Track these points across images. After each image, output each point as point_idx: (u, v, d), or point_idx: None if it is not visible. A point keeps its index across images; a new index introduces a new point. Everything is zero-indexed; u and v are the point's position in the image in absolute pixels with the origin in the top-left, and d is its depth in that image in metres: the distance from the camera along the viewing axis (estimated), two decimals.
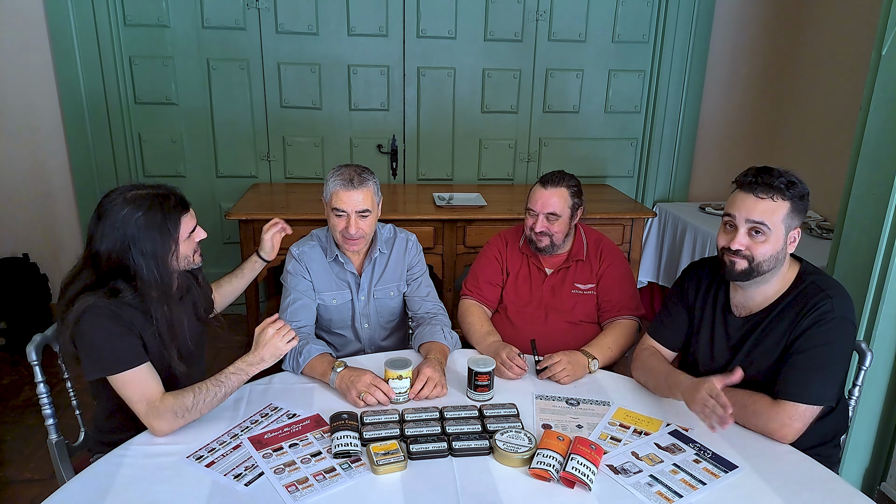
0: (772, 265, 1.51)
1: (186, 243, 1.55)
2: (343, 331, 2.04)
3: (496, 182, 3.79)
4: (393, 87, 3.55)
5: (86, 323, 1.43)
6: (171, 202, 1.51)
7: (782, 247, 1.51)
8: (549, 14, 3.52)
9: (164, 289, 1.51)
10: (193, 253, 1.59)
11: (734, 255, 1.52)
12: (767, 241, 1.49)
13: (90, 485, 1.30)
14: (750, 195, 1.50)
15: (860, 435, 2.18)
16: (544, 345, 1.87)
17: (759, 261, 1.50)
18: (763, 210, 1.48)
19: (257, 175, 3.62)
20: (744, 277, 1.53)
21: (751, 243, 1.50)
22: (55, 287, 3.52)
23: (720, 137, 3.87)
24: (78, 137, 3.38)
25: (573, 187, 2.02)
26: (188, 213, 1.56)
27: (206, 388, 1.48)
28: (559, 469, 1.32)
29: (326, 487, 1.30)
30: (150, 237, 1.46)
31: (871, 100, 2.04)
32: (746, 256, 1.51)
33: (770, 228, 1.48)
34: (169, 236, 1.49)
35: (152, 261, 1.47)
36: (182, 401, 1.45)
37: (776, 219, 1.48)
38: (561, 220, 2.00)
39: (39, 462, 2.45)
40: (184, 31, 3.33)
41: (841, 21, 3.33)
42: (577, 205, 2.04)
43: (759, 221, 1.48)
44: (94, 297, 1.45)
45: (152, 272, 1.48)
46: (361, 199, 1.85)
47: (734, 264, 1.52)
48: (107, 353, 1.44)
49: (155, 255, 1.47)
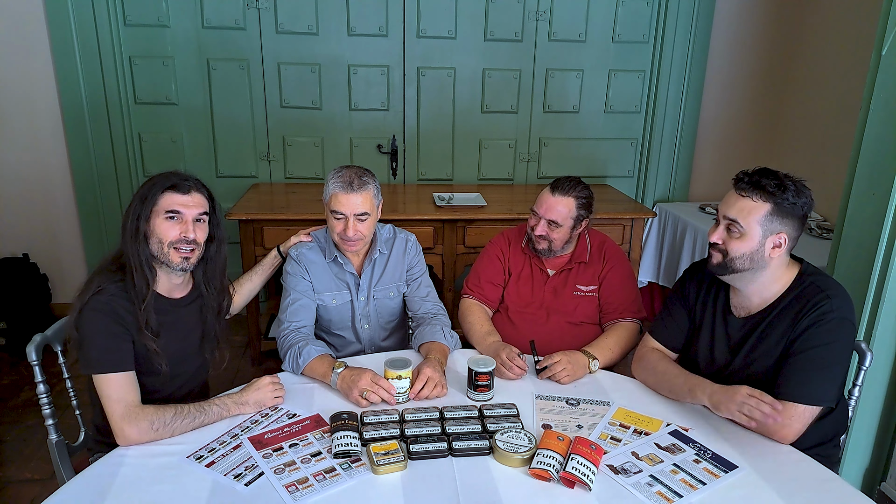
0: (746, 265, 1.52)
1: (163, 223, 1.51)
2: (343, 331, 2.04)
3: (496, 182, 3.79)
4: (393, 87, 3.55)
5: (86, 316, 1.45)
6: (168, 179, 1.54)
7: (758, 248, 1.50)
8: (549, 14, 3.52)
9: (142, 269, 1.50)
10: (170, 245, 1.52)
11: (713, 247, 1.57)
12: (741, 239, 1.51)
13: (90, 485, 1.30)
14: (733, 192, 1.54)
15: (860, 435, 2.18)
16: (545, 346, 1.87)
17: (732, 256, 1.53)
18: (739, 208, 1.51)
19: (257, 175, 3.62)
20: (719, 271, 1.58)
21: (727, 238, 1.54)
22: (55, 287, 3.54)
23: (720, 137, 3.87)
24: (78, 137, 3.38)
25: (582, 199, 1.99)
26: (178, 194, 1.53)
27: (188, 411, 1.47)
28: (559, 469, 1.32)
29: (326, 487, 1.30)
30: (133, 203, 1.52)
31: (871, 100, 2.04)
32: (721, 250, 1.55)
33: (742, 227, 1.50)
34: (143, 205, 1.50)
35: (131, 229, 1.49)
36: (162, 414, 1.44)
37: (751, 219, 1.49)
38: (562, 230, 1.99)
39: (39, 462, 2.45)
40: (184, 31, 3.33)
41: (841, 21, 3.32)
42: (583, 217, 2.01)
43: (732, 219, 1.52)
44: (101, 278, 1.48)
45: (126, 242, 1.50)
46: (360, 203, 1.85)
47: (711, 257, 1.58)
48: (96, 351, 1.45)
49: (133, 221, 1.50)
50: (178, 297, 1.64)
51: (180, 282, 1.63)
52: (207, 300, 1.68)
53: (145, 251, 1.51)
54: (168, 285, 1.61)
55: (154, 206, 1.51)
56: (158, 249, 1.52)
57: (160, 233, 1.51)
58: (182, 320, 1.64)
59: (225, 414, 1.52)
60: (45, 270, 3.49)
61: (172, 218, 1.52)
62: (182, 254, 1.54)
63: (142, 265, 1.50)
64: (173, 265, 1.54)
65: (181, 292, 1.65)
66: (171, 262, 1.53)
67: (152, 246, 1.52)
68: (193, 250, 1.55)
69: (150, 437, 1.43)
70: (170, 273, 1.58)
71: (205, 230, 1.59)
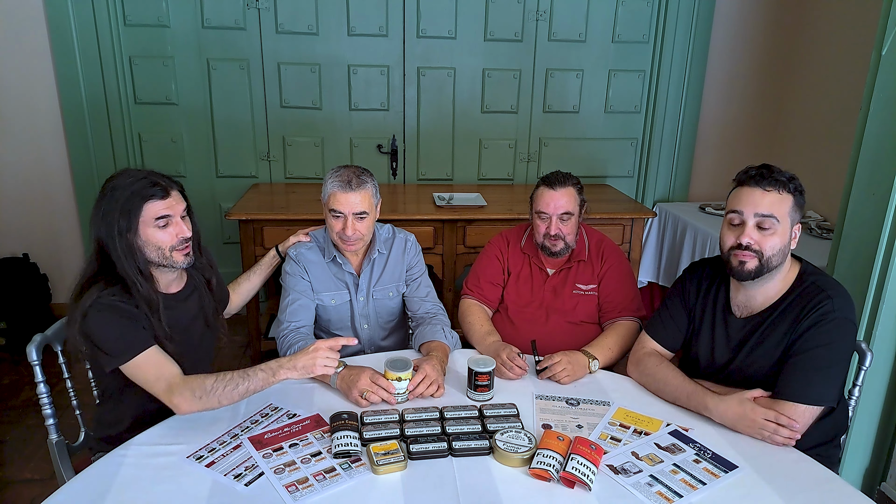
0: (780, 260, 1.52)
1: (153, 231, 1.50)
2: (342, 332, 2.04)
3: (496, 182, 3.79)
4: (393, 87, 3.55)
5: (91, 319, 1.45)
6: (142, 187, 1.49)
7: (788, 241, 1.52)
8: (549, 14, 3.52)
9: (140, 281, 1.49)
10: (171, 249, 1.52)
11: (744, 251, 1.51)
12: (776, 234, 1.49)
13: (90, 485, 1.30)
14: (756, 189, 1.50)
15: (860, 435, 2.18)
16: (545, 345, 1.87)
17: (769, 255, 1.50)
18: (771, 202, 1.49)
19: (257, 175, 3.62)
20: (754, 275, 1.52)
21: (760, 237, 1.50)
22: (55, 287, 3.54)
23: (720, 137, 3.87)
24: (78, 137, 3.38)
25: (577, 185, 2.04)
26: (159, 200, 1.50)
27: (230, 377, 1.46)
28: (559, 469, 1.32)
29: (326, 487, 1.29)
30: (114, 220, 1.47)
31: (871, 100, 2.04)
32: (756, 252, 1.50)
33: (778, 220, 1.49)
34: (129, 220, 1.47)
35: (122, 247, 1.47)
36: (202, 382, 1.44)
37: (783, 211, 1.50)
38: (572, 219, 2.01)
39: (39, 462, 2.45)
40: (184, 31, 3.33)
41: (841, 21, 3.32)
42: (583, 201, 2.05)
43: (768, 214, 1.49)
44: (97, 289, 1.46)
45: (119, 259, 1.47)
46: (359, 202, 1.85)
47: (744, 264, 1.51)
48: (114, 342, 1.45)
49: (123, 238, 1.47)
50: (176, 292, 1.64)
51: (174, 276, 1.64)
52: (200, 285, 1.69)
53: (143, 261, 1.51)
54: (164, 281, 1.61)
55: (139, 217, 1.49)
56: (159, 255, 1.52)
57: (156, 241, 1.51)
58: (184, 313, 1.65)
59: (271, 379, 1.48)
60: (45, 270, 3.50)
61: (164, 225, 1.51)
62: (183, 251, 1.55)
63: (143, 277, 1.50)
64: (178, 264, 1.55)
65: (178, 286, 1.65)
66: (176, 263, 1.54)
67: (150, 254, 1.51)
68: (189, 245, 1.57)
69: (198, 405, 1.44)
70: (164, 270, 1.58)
71: (188, 220, 1.58)
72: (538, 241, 2.05)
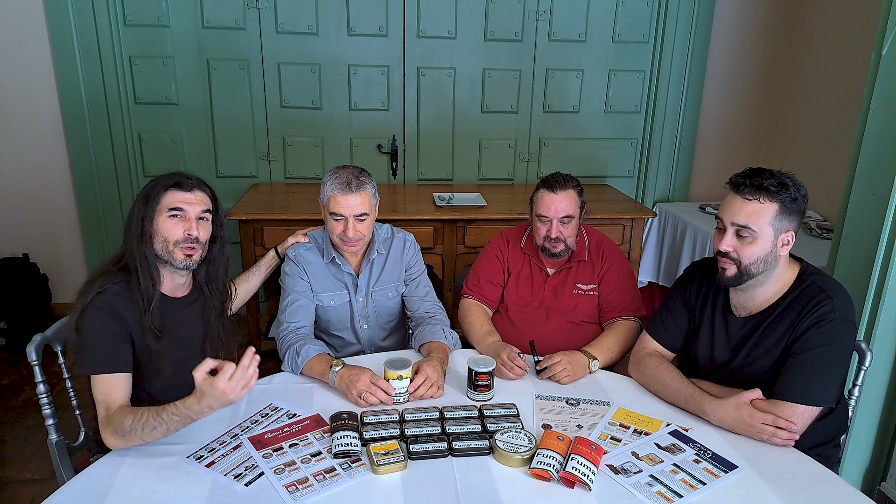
0: (760, 268, 1.51)
1: (167, 221, 1.51)
2: (342, 332, 2.04)
3: (496, 182, 3.78)
4: (393, 87, 3.55)
5: (87, 316, 1.45)
6: (171, 178, 1.54)
7: (771, 249, 1.50)
8: (549, 14, 3.52)
9: (148, 270, 1.50)
10: (175, 244, 1.52)
11: (724, 258, 1.52)
12: (754, 243, 1.49)
13: (90, 485, 1.30)
14: (737, 197, 1.50)
15: (860, 435, 2.18)
16: (545, 345, 1.87)
17: (747, 263, 1.50)
18: (748, 212, 1.48)
19: (257, 175, 3.62)
20: (734, 282, 1.54)
21: (738, 245, 1.50)
22: (55, 287, 3.54)
23: (720, 137, 3.87)
24: (78, 137, 3.38)
25: (577, 187, 2.03)
26: (181, 191, 1.53)
27: (145, 417, 1.35)
28: (559, 469, 1.32)
29: (326, 487, 1.30)
30: (137, 204, 1.52)
31: (871, 100, 2.04)
32: (735, 260, 1.51)
33: (755, 231, 1.48)
34: (147, 205, 1.51)
35: (136, 230, 1.50)
36: (122, 421, 1.36)
37: (762, 221, 1.48)
38: (573, 222, 2.01)
39: (39, 462, 2.45)
40: (184, 31, 3.33)
41: (841, 21, 3.32)
42: (584, 203, 2.05)
43: (744, 224, 1.48)
44: (102, 280, 1.48)
45: (131, 242, 1.50)
46: (359, 203, 1.85)
47: (724, 270, 1.53)
48: (93, 351, 1.44)
49: (138, 222, 1.50)
50: (180, 297, 1.64)
51: (183, 281, 1.63)
52: (209, 300, 1.68)
53: (151, 252, 1.51)
54: (171, 285, 1.60)
55: (157, 204, 1.52)
56: (163, 248, 1.52)
57: (164, 231, 1.52)
58: (184, 320, 1.64)
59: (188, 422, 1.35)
60: (45, 270, 3.49)
61: (176, 216, 1.52)
62: (185, 251, 1.53)
63: (148, 266, 1.51)
64: (177, 263, 1.53)
65: (183, 292, 1.65)
66: (175, 260, 1.53)
67: (157, 245, 1.52)
68: (196, 248, 1.55)
69: (122, 442, 1.37)
70: (173, 273, 1.58)
71: (207, 229, 1.58)
72: (538, 243, 2.05)
